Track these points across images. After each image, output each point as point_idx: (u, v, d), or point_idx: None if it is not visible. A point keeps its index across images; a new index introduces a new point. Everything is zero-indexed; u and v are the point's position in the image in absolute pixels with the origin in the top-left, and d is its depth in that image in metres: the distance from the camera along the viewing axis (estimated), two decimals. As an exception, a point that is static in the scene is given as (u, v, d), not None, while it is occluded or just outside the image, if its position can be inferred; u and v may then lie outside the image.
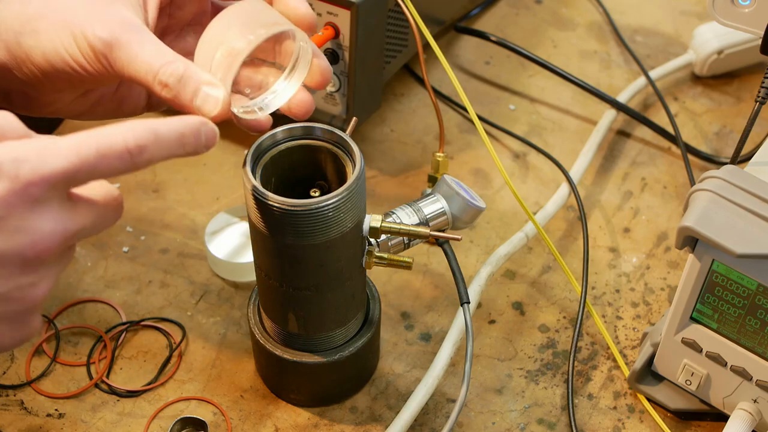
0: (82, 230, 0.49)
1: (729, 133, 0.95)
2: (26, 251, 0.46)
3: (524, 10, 1.09)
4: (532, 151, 0.92)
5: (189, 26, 0.65)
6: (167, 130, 0.50)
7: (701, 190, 0.62)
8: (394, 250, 0.67)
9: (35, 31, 0.57)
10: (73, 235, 0.48)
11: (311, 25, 0.60)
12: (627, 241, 0.84)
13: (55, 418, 0.70)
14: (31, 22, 0.57)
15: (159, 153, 0.50)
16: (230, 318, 0.77)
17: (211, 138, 0.54)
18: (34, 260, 0.46)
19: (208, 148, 0.55)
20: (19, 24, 0.57)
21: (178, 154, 0.52)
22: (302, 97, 0.62)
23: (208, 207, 0.85)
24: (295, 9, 0.59)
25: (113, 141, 0.47)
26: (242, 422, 0.70)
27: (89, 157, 0.46)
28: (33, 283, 0.47)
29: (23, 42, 0.58)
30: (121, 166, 0.48)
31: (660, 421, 0.71)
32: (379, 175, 0.89)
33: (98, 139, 0.47)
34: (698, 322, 0.66)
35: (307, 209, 0.58)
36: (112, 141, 0.47)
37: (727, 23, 0.69)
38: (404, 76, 0.99)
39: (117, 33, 0.56)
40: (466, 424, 0.71)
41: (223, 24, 0.58)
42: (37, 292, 0.48)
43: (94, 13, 0.56)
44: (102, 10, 0.57)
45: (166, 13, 0.63)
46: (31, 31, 0.57)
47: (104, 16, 0.56)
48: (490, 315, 0.78)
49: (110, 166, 0.48)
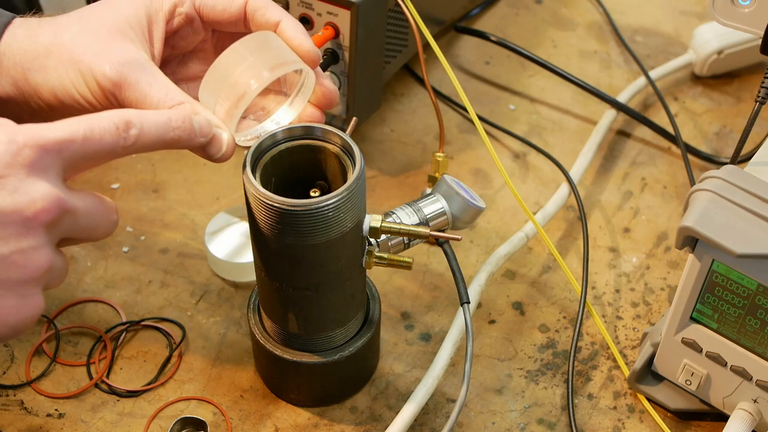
0: (77, 212, 0.50)
1: (729, 133, 0.95)
2: (25, 210, 0.47)
3: (524, 10, 1.09)
4: (532, 151, 0.92)
5: (191, 54, 0.66)
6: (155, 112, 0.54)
7: (701, 190, 0.62)
8: (394, 250, 0.67)
9: (43, 68, 0.58)
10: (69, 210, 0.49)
11: (315, 60, 0.61)
12: (627, 241, 0.84)
13: (55, 418, 0.70)
14: (39, 58, 0.58)
15: (148, 131, 0.52)
16: (230, 318, 0.77)
17: (205, 126, 0.56)
18: (32, 221, 0.47)
19: (204, 136, 0.57)
20: (27, 60, 0.59)
21: (170, 138, 0.54)
22: (311, 113, 0.64)
23: (208, 207, 0.85)
24: (299, 45, 0.61)
25: (101, 117, 0.51)
26: (242, 422, 0.70)
27: (79, 130, 0.49)
28: (33, 247, 0.48)
29: (31, 78, 0.59)
30: (111, 140, 0.50)
31: (660, 421, 0.71)
32: (379, 175, 0.89)
33: (86, 118, 0.51)
34: (698, 322, 0.66)
35: (307, 209, 0.58)
36: (100, 117, 0.51)
37: (727, 23, 0.69)
38: (404, 76, 0.99)
39: (125, 72, 0.57)
40: (466, 424, 0.71)
41: (231, 61, 0.58)
42: (38, 260, 0.48)
43: (102, 51, 0.58)
44: (109, 47, 0.58)
45: (170, 44, 0.64)
46: (40, 68, 0.58)
47: (112, 54, 0.57)
48: (490, 315, 0.78)
49: (101, 140, 0.50)
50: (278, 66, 0.58)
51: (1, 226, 0.47)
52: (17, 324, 0.49)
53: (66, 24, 0.59)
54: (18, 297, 0.48)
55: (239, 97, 0.58)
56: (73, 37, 0.58)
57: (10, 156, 0.47)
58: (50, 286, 0.51)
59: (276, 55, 0.59)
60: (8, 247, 0.47)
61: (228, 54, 0.59)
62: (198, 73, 0.66)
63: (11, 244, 0.47)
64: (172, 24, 0.62)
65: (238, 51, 0.59)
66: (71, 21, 0.60)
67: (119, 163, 0.88)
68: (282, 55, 0.59)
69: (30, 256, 0.48)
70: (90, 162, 0.51)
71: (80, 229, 0.51)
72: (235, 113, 0.58)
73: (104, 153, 0.51)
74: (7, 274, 0.47)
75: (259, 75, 0.58)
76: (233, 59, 0.58)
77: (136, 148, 0.52)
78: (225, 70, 0.58)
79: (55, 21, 0.60)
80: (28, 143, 0.48)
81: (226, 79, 0.58)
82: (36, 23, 0.60)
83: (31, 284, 0.49)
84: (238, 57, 0.58)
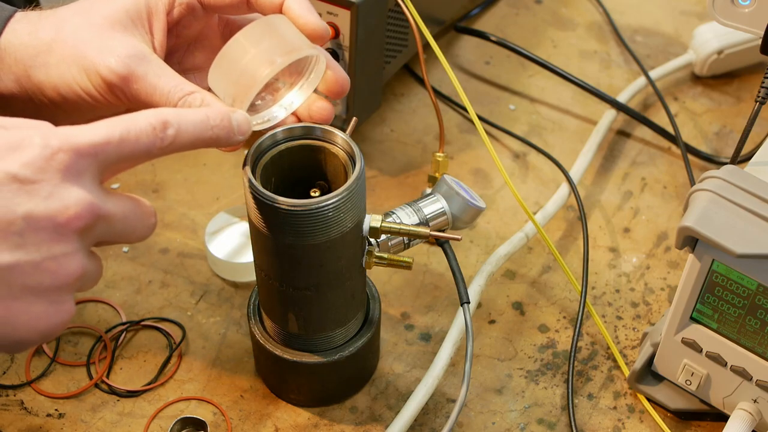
0: (112, 218, 0.49)
1: (729, 133, 0.95)
2: (58, 217, 0.46)
3: (524, 10, 1.09)
4: (532, 151, 0.92)
5: (197, 42, 0.66)
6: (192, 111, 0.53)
7: (701, 190, 0.62)
8: (394, 250, 0.67)
9: (45, 65, 0.58)
10: (103, 216, 0.48)
11: (323, 36, 0.60)
12: (627, 241, 0.84)
13: (55, 418, 0.70)
14: (41, 55, 0.58)
15: (185, 130, 0.51)
16: (230, 318, 0.77)
17: (243, 124, 0.56)
18: (65, 227, 0.47)
19: (243, 134, 0.56)
20: (28, 57, 0.58)
21: (208, 137, 0.53)
22: (322, 105, 0.63)
23: (208, 207, 0.85)
24: (305, 24, 0.59)
25: (137, 118, 0.50)
26: (242, 422, 0.70)
27: (115, 132, 0.48)
28: (65, 253, 0.47)
29: (33, 75, 0.58)
30: (147, 141, 0.50)
31: (660, 421, 0.71)
32: (379, 175, 0.89)
33: (124, 119, 0.50)
34: (698, 322, 0.66)
35: (307, 209, 0.58)
36: (137, 117, 0.50)
37: (727, 23, 0.69)
38: (404, 76, 0.99)
39: (132, 65, 0.57)
40: (466, 424, 0.71)
41: (241, 47, 0.57)
42: (69, 266, 0.47)
43: (105, 46, 0.57)
44: (112, 41, 0.57)
45: (174, 33, 0.63)
46: (42, 65, 0.58)
47: (116, 48, 0.57)
48: (490, 315, 0.78)
49: (138, 142, 0.49)
50: (290, 51, 0.57)
51: (33, 232, 0.46)
52: (47, 330, 0.48)
53: (66, 17, 0.59)
54: (49, 303, 0.48)
55: (251, 83, 0.57)
56: (74, 31, 0.58)
57: (43, 161, 0.46)
58: (83, 290, 0.50)
59: (287, 39, 0.58)
60: (40, 254, 0.46)
61: (237, 40, 0.57)
62: (205, 62, 0.66)
63: (43, 251, 0.46)
64: (173, 14, 0.61)
65: (248, 37, 0.57)
66: (71, 14, 0.59)
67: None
68: (293, 39, 0.58)
69: (62, 262, 0.47)
70: (127, 164, 0.51)
71: (116, 233, 0.50)
72: (246, 100, 0.57)
73: (140, 154, 0.50)
74: (38, 281, 0.47)
75: (271, 61, 0.56)
76: (243, 45, 0.57)
77: (174, 148, 0.51)
78: (234, 56, 0.57)
79: (56, 14, 0.59)
80: (62, 147, 0.47)
81: (236, 65, 0.57)
82: (36, 17, 0.59)
83: (63, 291, 0.48)
84: (248, 43, 0.57)
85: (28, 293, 0.47)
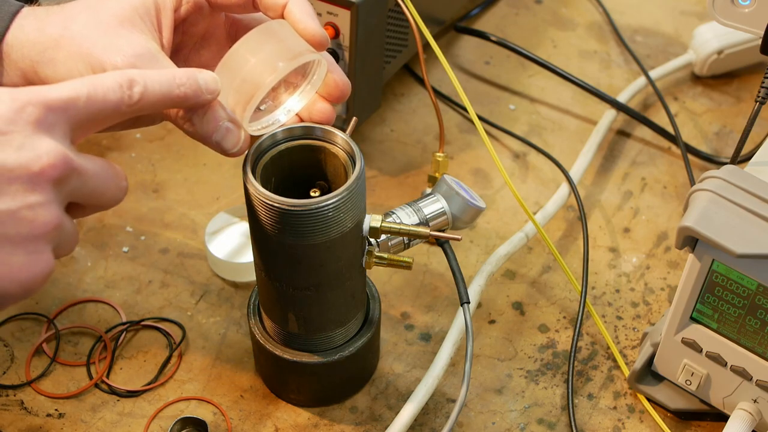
0: (85, 173, 0.49)
1: (729, 133, 0.95)
2: (31, 166, 0.47)
3: (524, 10, 1.09)
4: (532, 151, 0.92)
5: (203, 40, 0.66)
6: (157, 71, 0.54)
7: (701, 190, 0.62)
8: (394, 250, 0.67)
9: (52, 61, 0.58)
10: (76, 169, 0.49)
11: (321, 43, 0.60)
12: (627, 241, 0.84)
13: (55, 418, 0.70)
14: (48, 51, 0.58)
15: (152, 88, 0.52)
16: (230, 318, 0.77)
17: (210, 82, 0.56)
18: (39, 176, 0.47)
19: (211, 93, 0.56)
20: (35, 53, 0.58)
21: (176, 95, 0.54)
22: (322, 107, 0.63)
23: (208, 207, 0.85)
24: (305, 29, 0.59)
25: (103, 77, 0.51)
26: (242, 422, 0.70)
27: (83, 90, 0.49)
28: (41, 203, 0.47)
29: (40, 71, 0.58)
30: (115, 98, 0.50)
31: (660, 421, 0.71)
32: (379, 175, 0.89)
33: (90, 78, 0.50)
34: (698, 322, 0.66)
35: (307, 209, 0.58)
36: (103, 76, 0.51)
37: (727, 23, 0.69)
38: (404, 76, 0.99)
39: (139, 65, 0.57)
40: (466, 424, 0.71)
41: (242, 54, 0.57)
42: (46, 215, 0.48)
43: (112, 43, 0.57)
44: (119, 39, 0.57)
45: (180, 31, 0.63)
46: (48, 61, 0.58)
47: (123, 46, 0.57)
48: (490, 315, 0.78)
49: (105, 99, 0.50)
50: (293, 57, 0.57)
51: (6, 182, 0.46)
52: (27, 281, 0.48)
53: (74, 13, 0.59)
54: (27, 254, 0.48)
55: (253, 91, 0.57)
56: (81, 28, 0.58)
57: (13, 113, 0.47)
58: (60, 250, 0.50)
59: (288, 45, 0.58)
60: (15, 203, 0.47)
61: (240, 46, 0.58)
62: (211, 60, 0.66)
63: (18, 200, 0.47)
64: (180, 12, 0.62)
65: (248, 45, 0.58)
66: (79, 10, 0.59)
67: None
68: (295, 44, 0.58)
69: (38, 211, 0.47)
70: (97, 123, 0.51)
71: (89, 191, 0.50)
72: (249, 108, 0.58)
73: (109, 112, 0.50)
74: (15, 230, 0.47)
75: (273, 68, 0.57)
76: (245, 52, 0.58)
77: (142, 105, 0.52)
78: (237, 63, 0.58)
79: (63, 11, 0.59)
80: (31, 101, 0.47)
81: (239, 72, 0.57)
82: (44, 13, 0.59)
83: (40, 241, 0.48)
84: (249, 51, 0.58)
85: (6, 243, 0.47)
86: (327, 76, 0.62)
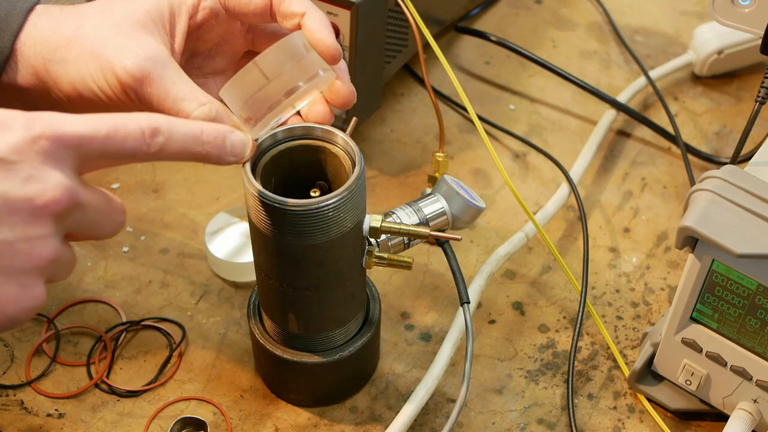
0: (86, 208, 0.49)
1: (729, 133, 0.95)
2: (35, 199, 0.46)
3: (524, 10, 1.09)
4: (532, 151, 0.92)
5: (218, 47, 0.65)
6: (187, 122, 0.52)
7: (701, 190, 0.62)
8: (394, 250, 0.67)
9: (64, 60, 0.58)
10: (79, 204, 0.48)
11: (335, 57, 0.59)
12: (627, 241, 0.84)
13: (55, 418, 0.70)
14: (60, 50, 0.58)
15: (175, 141, 0.51)
16: (230, 318, 0.77)
17: (238, 146, 0.55)
18: (42, 210, 0.47)
19: (236, 156, 0.55)
20: (48, 51, 0.58)
21: (197, 152, 0.52)
22: (321, 109, 0.62)
23: (208, 207, 0.85)
24: (320, 41, 0.59)
25: (128, 119, 0.49)
26: (242, 422, 0.70)
27: (102, 129, 0.48)
28: (40, 236, 0.47)
29: (51, 70, 0.58)
30: (133, 144, 0.49)
31: (660, 421, 0.71)
32: (379, 175, 0.89)
33: (114, 116, 0.49)
34: (698, 322, 0.66)
35: (307, 209, 0.58)
36: (127, 119, 0.49)
37: (727, 23, 0.69)
38: (404, 76, 0.99)
39: (148, 68, 0.56)
40: (466, 424, 0.71)
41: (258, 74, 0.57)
42: (43, 249, 0.47)
43: (123, 45, 0.57)
44: (130, 41, 0.57)
45: (195, 36, 0.63)
46: (60, 60, 0.58)
47: (133, 49, 0.57)
48: (490, 315, 0.78)
49: (124, 143, 0.49)
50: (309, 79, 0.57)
51: (8, 213, 0.46)
52: (15, 314, 0.48)
53: (88, 14, 0.59)
54: (19, 286, 0.47)
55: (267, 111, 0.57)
56: (94, 29, 0.58)
57: (25, 143, 0.46)
58: (55, 278, 0.50)
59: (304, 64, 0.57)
60: (14, 234, 0.46)
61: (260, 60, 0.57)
62: (226, 67, 0.65)
63: (17, 231, 0.46)
64: (196, 18, 0.61)
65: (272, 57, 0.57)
66: (94, 11, 0.59)
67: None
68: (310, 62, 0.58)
69: (35, 244, 0.47)
70: (110, 162, 0.50)
71: (86, 225, 0.50)
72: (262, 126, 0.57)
73: (125, 155, 0.49)
74: (10, 262, 0.47)
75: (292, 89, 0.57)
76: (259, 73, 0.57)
77: (161, 156, 0.51)
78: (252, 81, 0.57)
79: (77, 10, 0.59)
80: (45, 133, 0.47)
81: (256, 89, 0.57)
82: (58, 12, 0.59)
83: (33, 274, 0.48)
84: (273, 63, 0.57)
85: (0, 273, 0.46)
86: (334, 83, 0.61)
